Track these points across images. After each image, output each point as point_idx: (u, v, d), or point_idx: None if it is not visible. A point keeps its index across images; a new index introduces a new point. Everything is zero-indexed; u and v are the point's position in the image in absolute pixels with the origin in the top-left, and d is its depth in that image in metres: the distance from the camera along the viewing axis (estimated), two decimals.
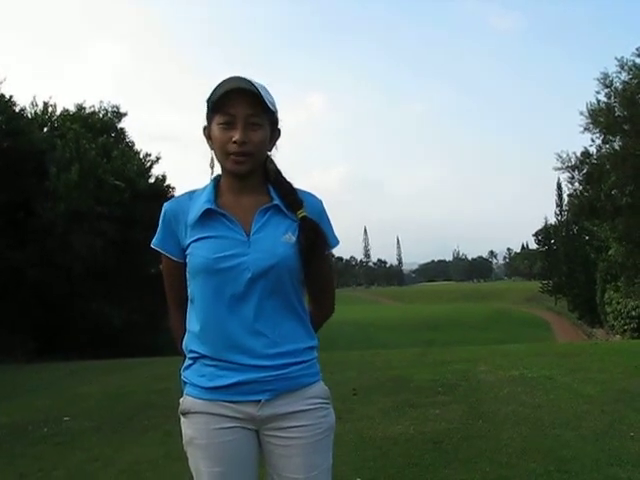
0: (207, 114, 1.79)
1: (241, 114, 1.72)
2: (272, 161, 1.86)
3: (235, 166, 1.75)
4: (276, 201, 1.79)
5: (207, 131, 1.81)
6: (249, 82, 1.71)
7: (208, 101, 1.76)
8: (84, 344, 19.11)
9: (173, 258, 1.82)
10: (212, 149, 1.80)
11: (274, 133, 1.82)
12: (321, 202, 1.88)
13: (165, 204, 1.86)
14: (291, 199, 1.81)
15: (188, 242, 1.78)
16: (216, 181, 1.85)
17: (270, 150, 1.84)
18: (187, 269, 1.79)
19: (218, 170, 1.85)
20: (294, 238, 1.77)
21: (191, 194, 1.85)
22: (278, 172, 1.86)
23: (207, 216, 1.77)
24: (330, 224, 1.88)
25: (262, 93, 1.71)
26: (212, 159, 1.83)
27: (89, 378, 9.57)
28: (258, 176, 1.83)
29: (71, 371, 10.83)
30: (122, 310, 20.69)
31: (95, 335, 19.92)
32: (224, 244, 1.74)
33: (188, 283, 1.81)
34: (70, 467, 4.59)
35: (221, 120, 1.73)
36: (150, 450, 4.90)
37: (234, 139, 1.71)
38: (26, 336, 17.93)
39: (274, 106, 1.78)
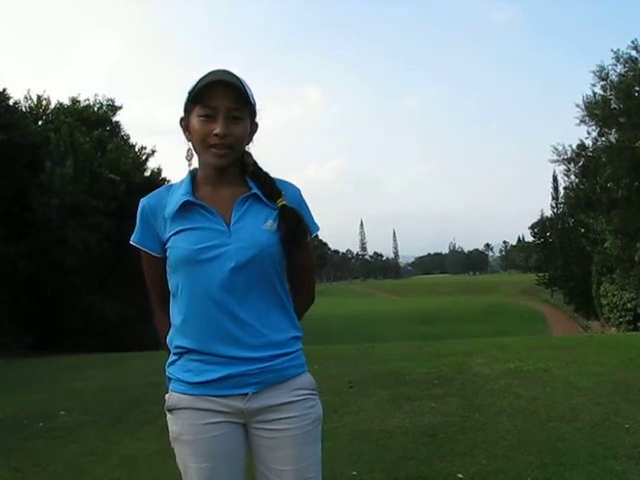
0: (186, 105, 1.77)
1: (223, 107, 1.71)
2: (249, 154, 1.85)
3: (216, 159, 1.74)
4: (255, 190, 1.79)
5: (185, 122, 1.79)
6: (233, 75, 1.70)
7: (190, 92, 1.74)
8: (79, 338, 19.09)
9: (153, 254, 1.81)
10: (189, 141, 1.79)
11: (252, 127, 1.82)
12: (299, 190, 1.88)
13: (142, 199, 1.84)
14: (269, 188, 1.81)
15: (168, 236, 1.77)
16: (193, 174, 1.84)
17: (248, 144, 1.83)
18: (167, 263, 1.78)
19: (195, 163, 1.84)
20: (275, 226, 1.76)
21: (169, 188, 1.85)
22: (255, 164, 1.86)
23: (186, 208, 1.76)
24: (309, 211, 1.88)
25: (244, 86, 1.71)
26: (189, 151, 1.81)
27: (84, 372, 9.55)
28: (236, 169, 1.82)
29: (66, 365, 10.81)
30: (117, 304, 20.66)
31: (90, 329, 19.89)
32: (205, 235, 1.73)
33: (169, 277, 1.79)
34: (65, 461, 4.57)
35: (202, 112, 1.72)
36: (145, 444, 4.89)
37: (215, 132, 1.70)
38: (21, 330, 17.89)
39: (254, 99, 1.77)
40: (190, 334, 1.75)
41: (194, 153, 1.80)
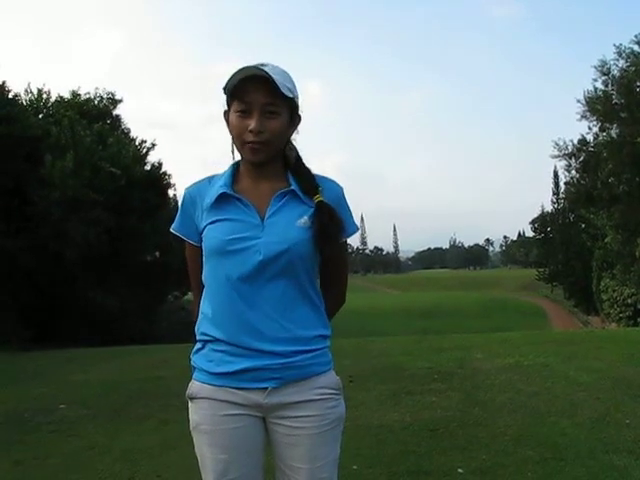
0: (227, 99, 1.77)
1: (257, 103, 1.70)
2: (293, 147, 1.84)
3: (252, 155, 1.74)
4: (293, 186, 1.78)
5: (227, 115, 1.78)
6: (263, 70, 1.68)
7: (224, 89, 1.74)
8: (79, 332, 19.09)
9: (192, 242, 1.84)
10: (231, 135, 1.78)
11: (294, 119, 1.80)
12: (341, 189, 1.86)
13: (185, 189, 1.88)
14: (308, 184, 1.80)
15: (204, 225, 1.78)
16: (236, 166, 1.84)
17: (290, 136, 1.82)
18: (203, 252, 1.80)
19: (238, 155, 1.83)
20: (309, 222, 1.74)
21: (211, 179, 1.85)
22: (298, 158, 1.85)
23: (222, 200, 1.76)
24: (349, 211, 1.86)
25: (278, 80, 1.68)
26: (232, 144, 1.81)
27: (84, 366, 9.55)
28: (277, 162, 1.81)
29: (66, 359, 10.81)
30: (117, 298, 20.66)
31: (90, 323, 19.89)
32: (238, 227, 1.73)
33: (204, 267, 1.81)
34: (66, 455, 4.57)
35: (238, 108, 1.72)
36: (145, 438, 4.89)
37: (250, 128, 1.69)
38: (21, 324, 17.89)
39: (292, 92, 1.74)
40: (217, 324, 1.76)
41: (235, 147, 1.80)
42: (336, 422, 1.80)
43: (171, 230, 1.87)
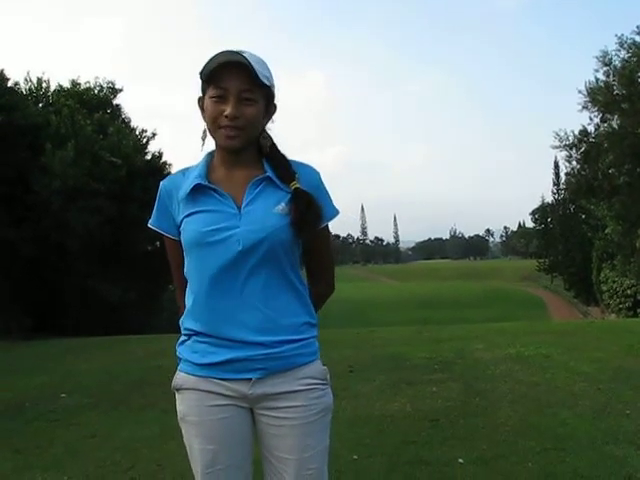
0: (202, 86, 1.75)
1: (234, 89, 1.68)
2: (267, 136, 1.82)
3: (227, 141, 1.71)
4: (269, 173, 1.76)
5: (201, 102, 1.77)
6: (243, 56, 1.66)
7: (201, 74, 1.71)
8: (80, 321, 19.13)
9: (171, 236, 1.82)
10: (205, 121, 1.76)
11: (269, 108, 1.78)
12: (318, 174, 1.83)
13: (161, 183, 1.84)
14: (284, 171, 1.77)
15: (181, 218, 1.76)
16: (209, 156, 1.82)
17: (265, 125, 1.80)
18: (182, 246, 1.78)
19: (210, 142, 1.81)
20: (287, 209, 1.72)
21: (185, 171, 1.83)
22: (272, 145, 1.82)
23: (197, 191, 1.74)
24: (328, 196, 1.84)
25: (257, 68, 1.66)
26: (204, 131, 1.79)
27: (85, 355, 9.57)
28: (252, 151, 1.79)
29: (67, 348, 10.84)
30: (118, 287, 20.67)
31: (91, 312, 19.92)
32: (215, 217, 1.71)
33: (185, 261, 1.79)
34: (67, 444, 4.59)
35: (213, 93, 1.69)
36: (146, 427, 4.90)
37: (225, 113, 1.67)
38: (22, 314, 17.92)
39: (269, 81, 1.73)
40: (199, 317, 1.75)
41: (209, 134, 1.78)
42: (323, 412, 1.78)
43: (149, 225, 1.84)
